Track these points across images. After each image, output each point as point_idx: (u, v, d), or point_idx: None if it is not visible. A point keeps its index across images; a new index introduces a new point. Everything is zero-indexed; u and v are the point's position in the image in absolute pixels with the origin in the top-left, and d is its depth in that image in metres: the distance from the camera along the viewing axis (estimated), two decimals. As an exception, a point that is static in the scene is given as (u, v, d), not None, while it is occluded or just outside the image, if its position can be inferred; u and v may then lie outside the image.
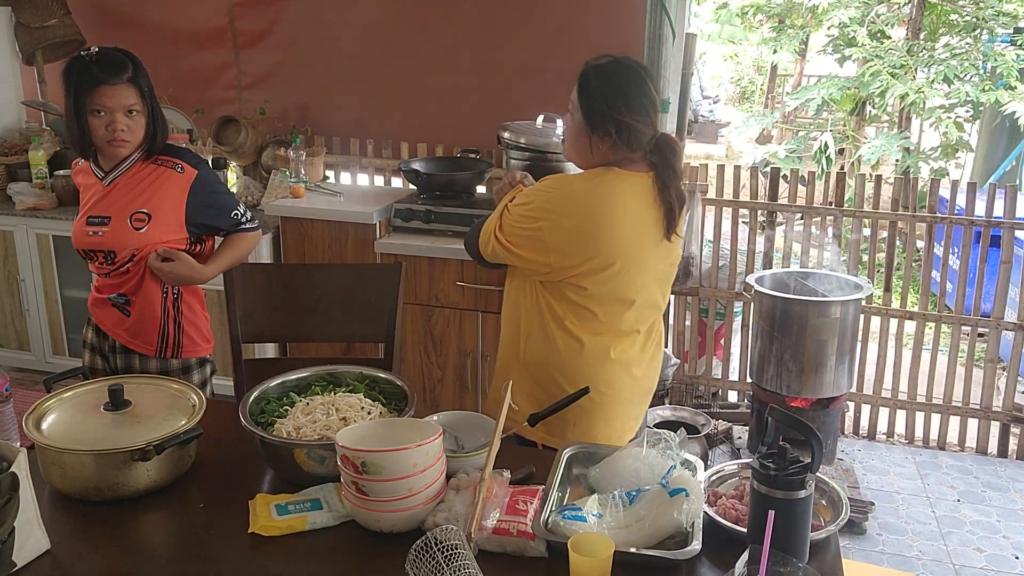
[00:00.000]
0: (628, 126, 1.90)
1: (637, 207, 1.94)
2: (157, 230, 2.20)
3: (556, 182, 1.99)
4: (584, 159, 1.99)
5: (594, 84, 1.93)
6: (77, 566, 1.49)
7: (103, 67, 2.12)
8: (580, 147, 1.98)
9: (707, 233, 3.79)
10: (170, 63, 4.02)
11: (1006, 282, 3.58)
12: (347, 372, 1.96)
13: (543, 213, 1.94)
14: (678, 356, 3.87)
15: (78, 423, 1.70)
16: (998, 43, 5.80)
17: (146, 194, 2.21)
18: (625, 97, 1.90)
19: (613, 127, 1.90)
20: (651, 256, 1.99)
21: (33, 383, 3.74)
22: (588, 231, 1.91)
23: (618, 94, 1.90)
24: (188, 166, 2.24)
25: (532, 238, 1.95)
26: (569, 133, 2.01)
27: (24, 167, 4.08)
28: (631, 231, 1.94)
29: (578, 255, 1.93)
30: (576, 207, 1.92)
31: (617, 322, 2.02)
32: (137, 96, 2.16)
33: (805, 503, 1.41)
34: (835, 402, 3.35)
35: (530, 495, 1.59)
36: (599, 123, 1.91)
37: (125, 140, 2.17)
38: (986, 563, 3.02)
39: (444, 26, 3.86)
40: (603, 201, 1.92)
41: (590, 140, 1.94)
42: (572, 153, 2.02)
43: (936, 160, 5.99)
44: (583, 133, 1.95)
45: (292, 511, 1.58)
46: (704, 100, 11.55)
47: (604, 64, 1.95)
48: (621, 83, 1.92)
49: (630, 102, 1.90)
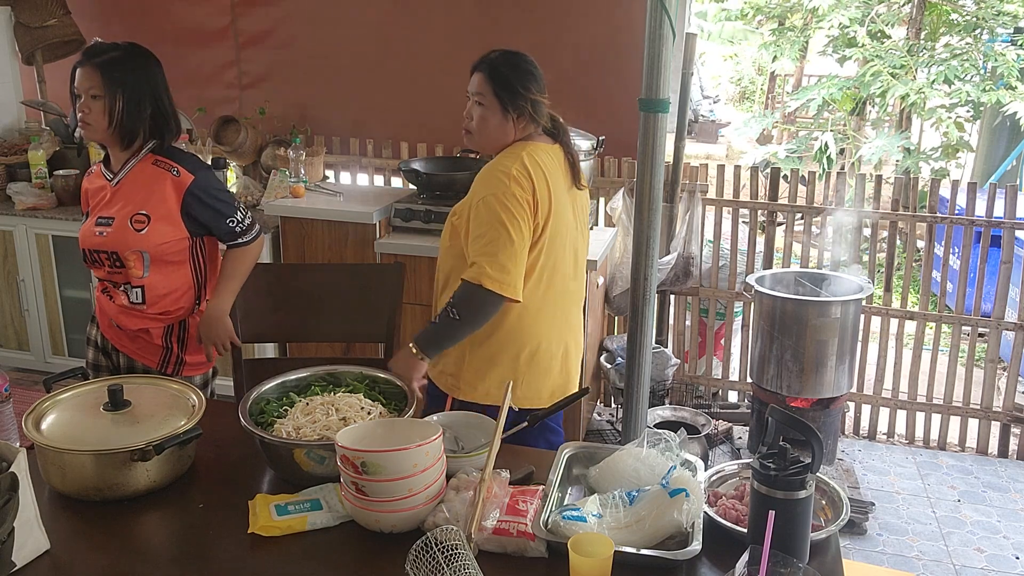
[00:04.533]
0: (538, 103, 2.17)
1: (556, 169, 2.20)
2: (157, 232, 2.20)
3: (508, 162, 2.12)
4: (503, 140, 2.20)
5: (507, 72, 2.17)
6: (77, 566, 1.49)
7: (86, 50, 2.18)
8: (500, 130, 2.18)
9: (707, 233, 3.79)
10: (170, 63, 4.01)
11: (1006, 282, 3.58)
12: (347, 372, 1.96)
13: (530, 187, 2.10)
14: (678, 356, 3.87)
15: (78, 423, 1.70)
16: (998, 43, 5.80)
17: (145, 195, 2.20)
18: (534, 79, 2.18)
19: (528, 105, 2.16)
20: (569, 214, 2.24)
21: (33, 383, 3.74)
22: (543, 193, 2.13)
23: (527, 76, 2.17)
24: (184, 171, 2.21)
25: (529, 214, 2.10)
26: (485, 122, 2.18)
27: (24, 167, 4.08)
28: (558, 190, 2.18)
29: (542, 214, 2.13)
30: (537, 173, 2.13)
31: (553, 280, 2.21)
32: (99, 81, 2.12)
33: (805, 503, 1.41)
34: (835, 402, 3.35)
35: (530, 495, 1.59)
36: (516, 104, 2.15)
37: (86, 123, 2.17)
38: (986, 563, 3.01)
39: (444, 26, 3.86)
40: (543, 163, 2.16)
41: (510, 121, 2.17)
42: (489, 138, 2.20)
43: (936, 160, 5.99)
44: (502, 117, 2.16)
45: (292, 511, 1.58)
46: (704, 100, 11.55)
47: (506, 55, 2.20)
48: (526, 67, 2.19)
49: (537, 83, 2.19)
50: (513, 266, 2.05)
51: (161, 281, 2.25)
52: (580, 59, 3.72)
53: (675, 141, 3.60)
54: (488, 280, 2.02)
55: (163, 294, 2.26)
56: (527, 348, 2.19)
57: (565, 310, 2.29)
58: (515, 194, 2.06)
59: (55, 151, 4.13)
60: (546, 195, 2.12)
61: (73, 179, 3.98)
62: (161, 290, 2.26)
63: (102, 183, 2.28)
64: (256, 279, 2.43)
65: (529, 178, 2.09)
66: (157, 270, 2.23)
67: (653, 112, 2.20)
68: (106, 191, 2.26)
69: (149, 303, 2.25)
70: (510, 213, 2.05)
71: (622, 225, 3.63)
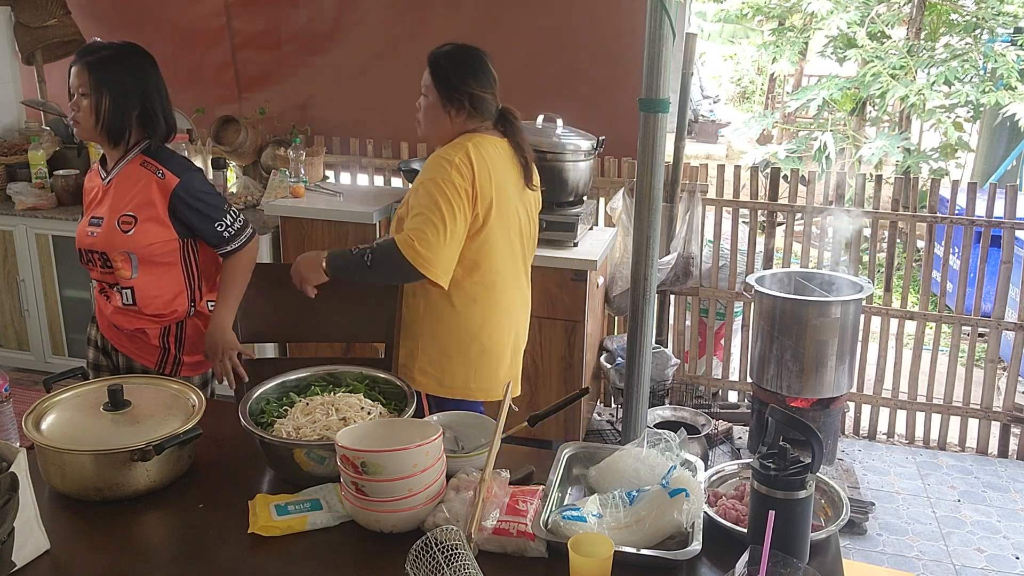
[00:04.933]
0: (479, 98, 2.23)
1: (503, 164, 2.26)
2: (144, 233, 2.17)
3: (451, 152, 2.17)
4: (444, 132, 2.26)
5: (446, 65, 2.23)
6: (77, 566, 1.49)
7: (80, 50, 2.19)
8: (440, 122, 2.26)
9: (707, 233, 3.79)
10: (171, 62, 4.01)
11: (1006, 282, 3.58)
12: (347, 372, 1.96)
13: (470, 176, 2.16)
14: (678, 356, 3.87)
15: (77, 423, 1.70)
16: (998, 43, 5.80)
17: (132, 196, 2.18)
18: (473, 73, 2.23)
19: (467, 100, 2.22)
20: (519, 210, 2.31)
21: (32, 383, 3.74)
22: (485, 184, 2.19)
23: (467, 71, 2.23)
24: (170, 173, 2.18)
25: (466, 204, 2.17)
26: (428, 113, 2.27)
27: (24, 167, 4.08)
28: (504, 184, 2.24)
29: (482, 206, 2.19)
30: (480, 164, 2.19)
31: (498, 273, 2.29)
32: (87, 79, 2.13)
33: (805, 503, 1.41)
34: (835, 402, 3.35)
35: (530, 495, 1.59)
36: (455, 97, 2.22)
37: (76, 121, 2.18)
38: (986, 563, 3.01)
39: (444, 26, 3.85)
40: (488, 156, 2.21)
41: (448, 114, 2.23)
42: (432, 129, 2.28)
43: (936, 160, 5.99)
44: (441, 109, 2.24)
45: (292, 511, 1.58)
46: (704, 100, 11.55)
47: (451, 49, 2.26)
48: (468, 62, 2.25)
49: (477, 77, 2.23)
50: (440, 248, 2.12)
51: (151, 282, 2.23)
52: (580, 59, 3.72)
53: (675, 141, 3.60)
54: (410, 251, 2.10)
55: (153, 296, 2.23)
56: (477, 341, 2.29)
57: (511, 305, 2.36)
58: (454, 181, 2.13)
59: (55, 151, 4.13)
60: (488, 187, 2.18)
61: (73, 179, 3.98)
62: (151, 292, 2.23)
63: (97, 182, 2.28)
64: (256, 279, 2.42)
65: (471, 168, 2.15)
66: (146, 271, 2.21)
67: (653, 112, 2.20)
68: (99, 190, 2.26)
69: (140, 304, 2.23)
70: (447, 199, 2.13)
71: (622, 225, 3.63)
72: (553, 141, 3.27)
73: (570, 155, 3.28)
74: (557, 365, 3.34)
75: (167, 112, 2.25)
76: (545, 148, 3.25)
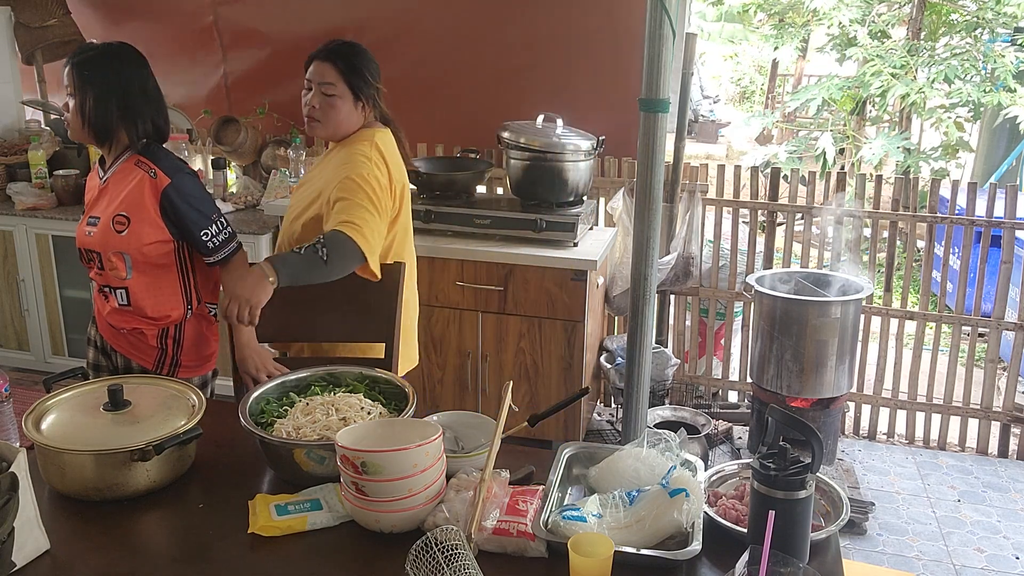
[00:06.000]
0: (381, 92, 2.36)
1: (397, 153, 2.39)
2: (137, 234, 2.16)
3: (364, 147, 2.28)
4: (350, 128, 2.34)
5: (358, 63, 2.30)
6: (77, 566, 1.49)
7: (73, 51, 2.21)
8: (352, 119, 2.33)
9: (707, 233, 3.79)
10: (170, 62, 4.03)
11: (1006, 282, 3.58)
12: (347, 372, 1.96)
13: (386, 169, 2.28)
14: (678, 356, 3.87)
15: (77, 423, 1.70)
16: (998, 43, 5.79)
17: (125, 196, 2.17)
18: (378, 69, 2.35)
19: (376, 95, 2.35)
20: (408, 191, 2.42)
21: (33, 383, 3.74)
22: (397, 175, 2.33)
23: (375, 68, 2.34)
24: (162, 173, 2.16)
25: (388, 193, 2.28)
26: (339, 110, 2.30)
27: (24, 167, 4.08)
28: (403, 172, 2.39)
29: (397, 195, 2.32)
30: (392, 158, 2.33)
31: (410, 255, 2.47)
32: (73, 80, 2.15)
33: (805, 503, 1.41)
34: (835, 402, 3.35)
35: (530, 495, 1.59)
36: (367, 92, 2.32)
37: (69, 122, 2.20)
38: (986, 563, 3.01)
39: (443, 26, 3.86)
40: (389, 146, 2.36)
41: (359, 109, 2.32)
42: (341, 127, 2.32)
43: (936, 160, 5.98)
44: (352, 105, 2.31)
45: (292, 511, 1.58)
46: (704, 100, 11.55)
47: (349, 46, 2.33)
48: (371, 59, 2.36)
49: (379, 72, 2.36)
50: (377, 239, 2.18)
51: (145, 284, 2.21)
52: (580, 59, 3.72)
53: (675, 141, 3.60)
54: (361, 239, 2.10)
55: (148, 297, 2.22)
56: (406, 315, 2.45)
57: (412, 285, 2.53)
58: (376, 176, 2.22)
59: (55, 151, 4.13)
60: (400, 176, 2.34)
61: (73, 179, 3.99)
62: (145, 293, 2.22)
63: (96, 181, 2.28)
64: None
65: (384, 163, 2.27)
66: (141, 272, 2.20)
67: (653, 112, 2.20)
68: (97, 189, 2.26)
69: (134, 305, 2.22)
70: (375, 193, 2.19)
71: (622, 225, 3.63)
72: (553, 141, 3.27)
73: (570, 155, 3.28)
74: (557, 365, 3.34)
75: (155, 111, 2.22)
76: (545, 148, 3.25)
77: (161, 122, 2.25)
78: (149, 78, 2.23)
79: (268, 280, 1.98)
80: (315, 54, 2.32)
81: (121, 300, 2.23)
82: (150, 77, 2.23)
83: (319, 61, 2.30)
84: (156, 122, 2.23)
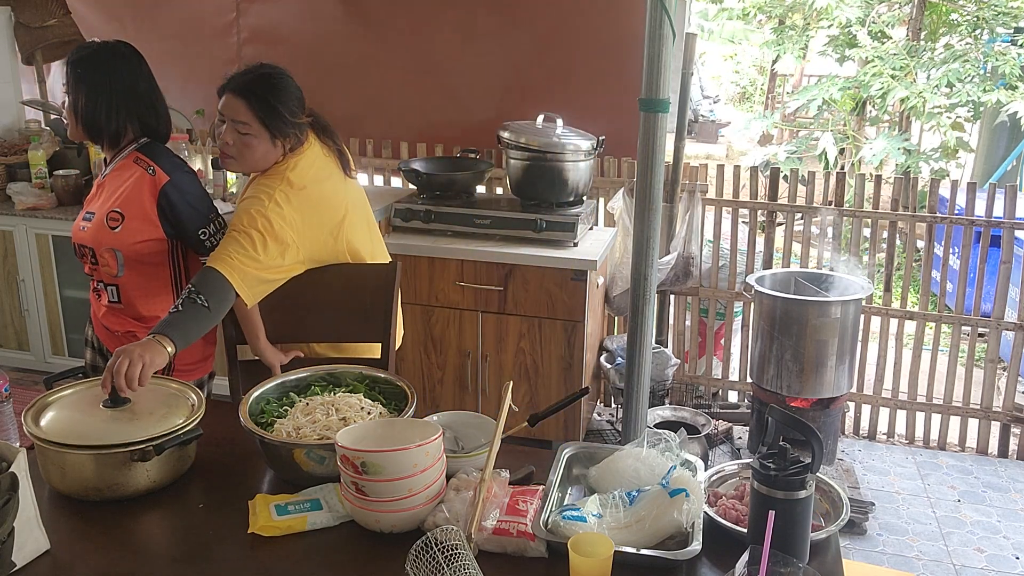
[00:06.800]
0: (303, 126, 2.20)
1: (325, 171, 2.24)
2: (130, 231, 2.15)
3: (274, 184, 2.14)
4: (269, 163, 2.19)
5: (273, 102, 2.12)
6: (77, 566, 1.49)
7: (71, 51, 2.22)
8: (269, 157, 2.17)
9: (707, 233, 3.79)
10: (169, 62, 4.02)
11: (1006, 282, 3.58)
12: (347, 372, 1.96)
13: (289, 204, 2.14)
14: (678, 356, 3.87)
15: (77, 419, 1.70)
16: (999, 43, 5.80)
17: (120, 193, 2.17)
18: (299, 102, 2.19)
19: (298, 130, 2.17)
20: (349, 200, 2.29)
21: (33, 383, 3.74)
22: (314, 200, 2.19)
23: (293, 100, 2.16)
24: (161, 170, 2.16)
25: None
26: (251, 149, 2.14)
27: (24, 167, 4.08)
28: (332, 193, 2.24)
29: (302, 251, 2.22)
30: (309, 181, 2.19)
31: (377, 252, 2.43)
32: (68, 79, 2.17)
33: (805, 503, 1.41)
34: (835, 402, 3.35)
35: (530, 495, 1.59)
36: (285, 132, 2.15)
37: (66, 121, 2.22)
38: (986, 563, 3.01)
39: (444, 26, 3.86)
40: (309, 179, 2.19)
41: (278, 146, 2.16)
42: (253, 164, 2.18)
43: (936, 161, 5.99)
44: (268, 144, 2.15)
45: (292, 511, 1.58)
46: (704, 100, 11.54)
47: (262, 78, 2.15)
48: (289, 91, 2.17)
49: (301, 104, 2.19)
50: (251, 270, 2.04)
51: (136, 282, 2.21)
52: (580, 59, 3.72)
53: (675, 141, 3.60)
54: (230, 273, 2.00)
55: (138, 295, 2.21)
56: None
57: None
58: (268, 216, 2.08)
59: (55, 151, 4.13)
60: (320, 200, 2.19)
61: (73, 179, 3.98)
62: (136, 291, 2.21)
63: (99, 178, 2.29)
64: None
65: (289, 199, 2.12)
66: (132, 270, 2.19)
67: (653, 112, 2.20)
68: (96, 185, 2.27)
69: (124, 303, 2.22)
70: (261, 228, 2.07)
71: (622, 225, 3.63)
72: (553, 141, 3.27)
73: (570, 155, 3.28)
74: (557, 365, 3.34)
75: (145, 110, 2.21)
76: (545, 148, 3.25)
77: (152, 121, 2.23)
78: (142, 77, 2.21)
79: (163, 347, 1.83)
80: (227, 85, 2.15)
81: (112, 297, 2.22)
82: (143, 76, 2.22)
83: (231, 95, 2.13)
84: (146, 120, 2.21)
